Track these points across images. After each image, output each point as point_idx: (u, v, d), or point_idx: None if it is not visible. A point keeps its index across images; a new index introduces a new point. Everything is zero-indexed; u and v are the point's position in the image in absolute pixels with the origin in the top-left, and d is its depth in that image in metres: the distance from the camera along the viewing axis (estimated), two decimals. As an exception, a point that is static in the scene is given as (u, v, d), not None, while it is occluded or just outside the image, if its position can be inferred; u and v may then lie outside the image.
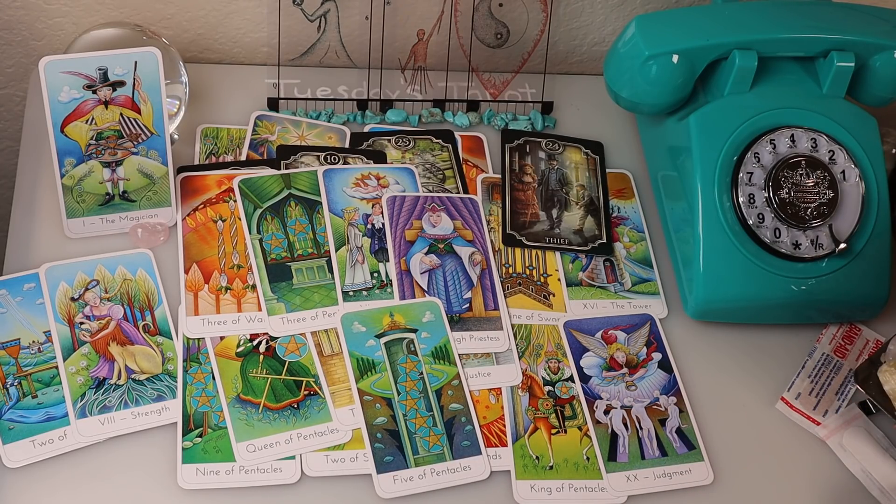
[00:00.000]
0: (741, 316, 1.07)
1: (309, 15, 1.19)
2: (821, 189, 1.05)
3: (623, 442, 0.98)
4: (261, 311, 1.02)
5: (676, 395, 1.02)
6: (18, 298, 1.01)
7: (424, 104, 1.22)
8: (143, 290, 1.03)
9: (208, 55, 1.25)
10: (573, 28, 1.28)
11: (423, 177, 1.14)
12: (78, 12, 1.20)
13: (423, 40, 1.21)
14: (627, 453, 0.98)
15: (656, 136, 1.16)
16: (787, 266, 1.05)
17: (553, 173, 1.16)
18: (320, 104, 1.20)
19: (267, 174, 1.11)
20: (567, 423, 0.99)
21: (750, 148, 1.06)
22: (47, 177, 1.08)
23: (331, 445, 0.95)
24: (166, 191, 1.07)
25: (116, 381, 0.97)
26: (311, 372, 0.99)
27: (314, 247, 1.07)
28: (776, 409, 1.03)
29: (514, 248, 1.10)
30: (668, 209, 1.12)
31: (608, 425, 0.99)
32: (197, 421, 0.95)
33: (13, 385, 0.96)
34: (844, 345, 1.08)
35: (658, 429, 1.00)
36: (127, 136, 1.04)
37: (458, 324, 1.03)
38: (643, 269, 1.11)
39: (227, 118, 1.18)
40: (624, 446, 0.98)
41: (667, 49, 1.07)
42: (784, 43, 1.09)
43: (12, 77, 1.26)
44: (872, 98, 1.12)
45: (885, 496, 0.97)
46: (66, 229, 1.06)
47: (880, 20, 1.11)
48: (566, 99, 1.25)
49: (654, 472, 0.97)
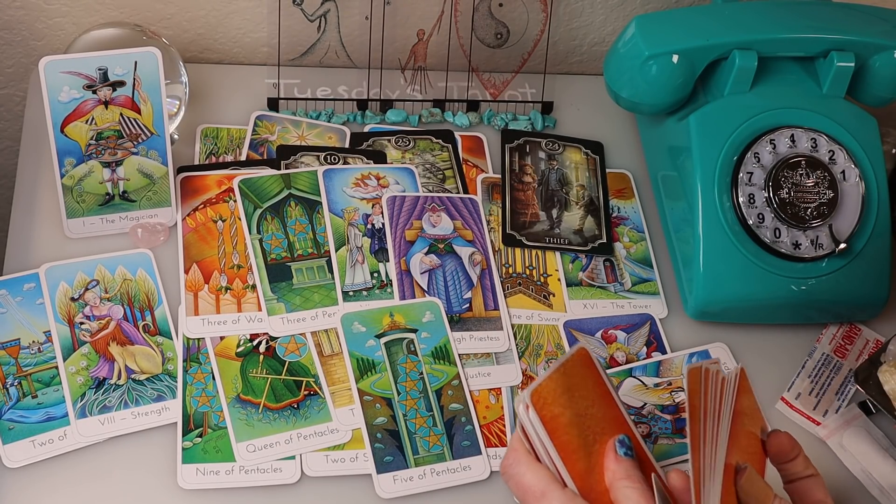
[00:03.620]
0: (741, 316, 1.07)
1: (309, 15, 1.19)
2: (821, 189, 1.05)
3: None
4: (261, 311, 1.02)
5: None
6: (18, 298, 1.01)
7: (424, 104, 1.22)
8: (143, 290, 1.03)
9: (208, 55, 1.25)
10: (573, 28, 1.28)
11: (423, 177, 1.14)
12: (78, 12, 1.20)
13: (423, 40, 1.21)
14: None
15: (656, 136, 1.16)
16: (787, 266, 1.05)
17: (553, 173, 1.16)
18: (320, 104, 1.20)
19: (267, 174, 1.11)
20: (567, 423, 0.99)
21: (750, 148, 1.06)
22: (47, 177, 1.08)
23: (331, 445, 0.95)
24: (166, 191, 1.07)
25: (116, 381, 0.97)
26: (311, 372, 0.99)
27: (314, 247, 1.07)
28: (776, 408, 1.03)
29: (514, 248, 1.10)
30: (668, 209, 1.12)
31: (608, 425, 0.99)
32: (197, 421, 0.95)
33: (13, 385, 0.96)
34: (844, 345, 1.08)
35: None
36: (127, 136, 1.04)
37: (458, 324, 1.03)
38: (643, 269, 1.11)
39: (227, 118, 1.18)
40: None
41: (667, 49, 1.07)
42: (784, 43, 1.09)
43: (12, 77, 1.26)
44: (872, 98, 1.12)
45: (885, 496, 0.97)
46: (66, 229, 1.06)
47: (880, 20, 1.11)
48: (566, 99, 1.25)
49: (654, 472, 0.97)
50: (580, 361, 0.80)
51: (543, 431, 0.77)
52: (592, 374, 0.80)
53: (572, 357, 0.79)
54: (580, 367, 0.80)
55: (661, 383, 1.03)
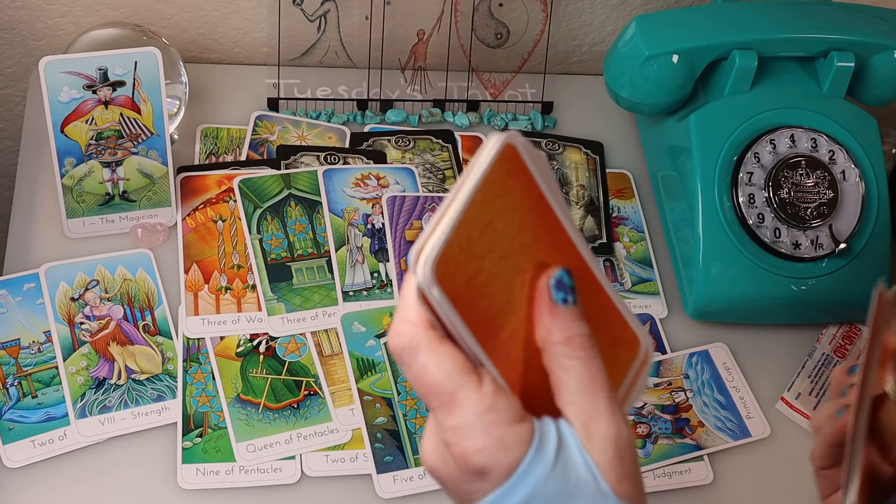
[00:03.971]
0: (741, 316, 1.07)
1: (309, 15, 1.19)
2: (821, 189, 1.05)
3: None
4: (261, 311, 1.02)
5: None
6: (18, 298, 1.01)
7: (424, 104, 1.22)
8: (143, 290, 1.03)
9: (208, 55, 1.25)
10: (573, 28, 1.28)
11: (423, 177, 1.14)
12: (78, 12, 1.19)
13: (423, 40, 1.21)
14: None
15: (656, 136, 1.16)
16: (787, 266, 1.04)
17: (553, 173, 1.16)
18: (320, 104, 1.20)
19: (267, 174, 1.11)
20: (567, 423, 0.99)
21: (750, 148, 1.06)
22: (47, 177, 1.08)
23: (331, 445, 0.95)
24: (166, 191, 1.07)
25: (116, 381, 0.97)
26: (311, 372, 0.99)
27: (314, 247, 1.07)
28: (776, 408, 1.03)
29: (514, 248, 1.10)
30: (668, 209, 1.12)
31: (608, 425, 0.99)
32: (197, 421, 0.95)
33: (13, 385, 0.96)
34: (844, 345, 1.08)
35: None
36: (127, 136, 1.04)
37: (458, 324, 1.03)
38: (643, 269, 1.11)
39: (227, 118, 1.18)
40: (624, 446, 0.98)
41: (667, 49, 1.07)
42: (784, 43, 1.09)
43: (12, 77, 1.26)
44: (872, 98, 1.12)
45: (885, 496, 0.97)
46: (66, 229, 1.06)
47: (880, 20, 1.11)
48: (566, 99, 1.25)
49: (653, 472, 0.97)
50: (505, 168, 0.55)
51: (452, 310, 0.54)
52: (522, 182, 0.56)
53: (492, 168, 0.54)
54: (504, 179, 0.55)
55: (661, 383, 1.03)
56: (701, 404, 1.02)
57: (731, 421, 1.01)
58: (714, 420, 1.01)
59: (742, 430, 1.01)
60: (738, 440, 1.00)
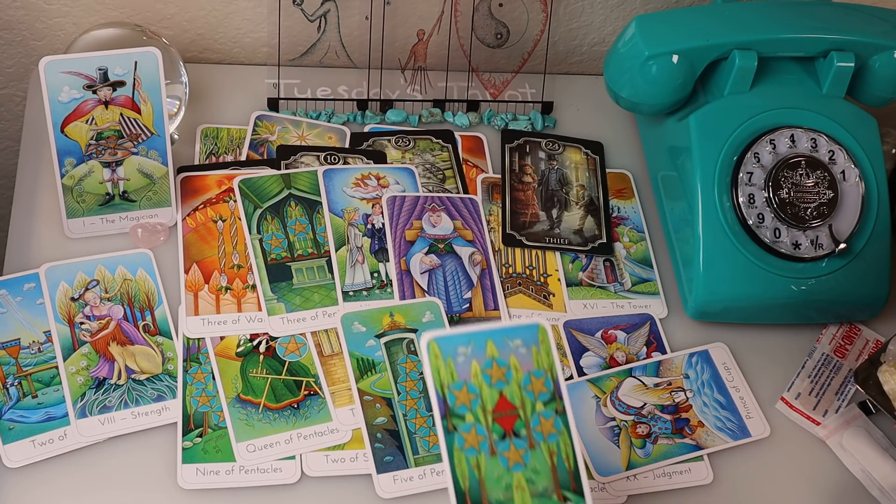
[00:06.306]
0: (741, 316, 1.08)
1: (309, 15, 1.19)
2: (821, 189, 1.05)
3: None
4: (261, 311, 1.02)
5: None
6: (18, 298, 1.01)
7: (424, 104, 1.22)
8: (143, 290, 1.03)
9: (208, 55, 1.25)
10: (573, 28, 1.28)
11: (423, 177, 1.14)
12: (78, 12, 1.20)
13: (423, 40, 1.21)
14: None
15: (656, 136, 1.16)
16: (787, 266, 1.05)
17: (553, 173, 1.16)
18: (320, 104, 1.20)
19: (267, 174, 1.11)
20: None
21: (750, 148, 1.06)
22: (47, 177, 1.08)
23: (331, 445, 0.95)
24: (166, 191, 1.07)
25: (116, 381, 0.97)
26: (311, 372, 0.99)
27: (314, 247, 1.07)
28: (776, 408, 1.03)
29: (514, 248, 1.10)
30: (668, 209, 1.12)
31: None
32: (197, 421, 0.95)
33: (13, 385, 0.96)
34: (844, 345, 1.08)
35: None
36: (127, 136, 1.04)
37: (459, 324, 1.03)
38: (643, 269, 1.11)
39: (227, 118, 1.18)
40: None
41: (667, 49, 1.07)
42: (784, 43, 1.09)
43: (12, 77, 1.26)
44: (872, 98, 1.12)
45: (885, 496, 0.97)
46: (66, 229, 1.06)
47: (880, 20, 1.11)
48: (566, 99, 1.25)
49: (653, 472, 0.97)
50: None
51: None
52: None
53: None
54: None
55: (661, 383, 1.03)
56: (701, 404, 1.02)
57: (731, 421, 1.01)
58: (714, 420, 1.01)
59: (742, 430, 1.01)
60: (737, 440, 1.00)
